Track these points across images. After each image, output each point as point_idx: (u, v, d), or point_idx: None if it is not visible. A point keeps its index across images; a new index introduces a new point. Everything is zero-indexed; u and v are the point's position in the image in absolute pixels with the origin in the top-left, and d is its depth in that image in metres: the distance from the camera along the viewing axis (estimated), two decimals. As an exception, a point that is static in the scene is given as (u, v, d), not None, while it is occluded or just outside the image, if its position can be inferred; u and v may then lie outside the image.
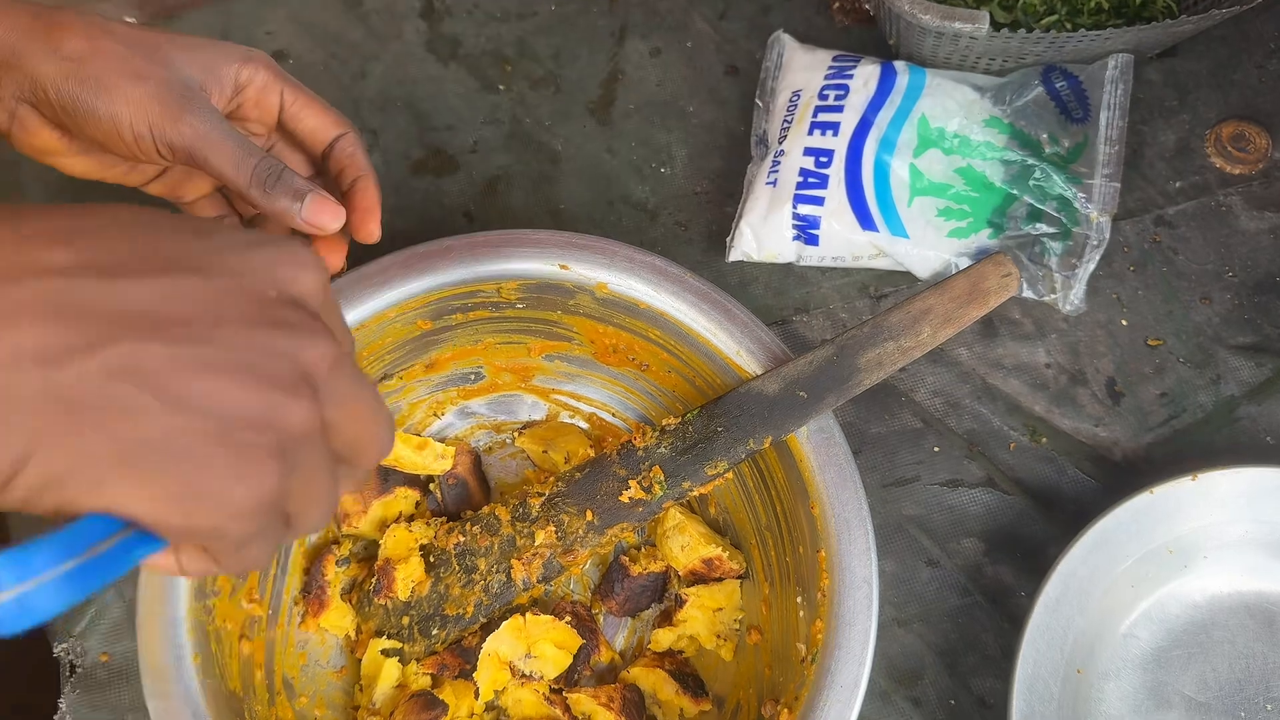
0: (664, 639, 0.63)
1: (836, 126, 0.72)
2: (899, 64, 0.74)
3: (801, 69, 0.75)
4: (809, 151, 0.72)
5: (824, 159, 0.71)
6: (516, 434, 0.69)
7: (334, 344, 0.34)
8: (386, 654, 0.61)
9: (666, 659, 0.63)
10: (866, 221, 0.70)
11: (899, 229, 0.70)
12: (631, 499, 0.59)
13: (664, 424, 0.59)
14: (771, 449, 0.58)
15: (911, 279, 0.73)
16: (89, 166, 0.54)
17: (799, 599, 0.58)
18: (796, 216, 0.71)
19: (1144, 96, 0.78)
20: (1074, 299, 0.70)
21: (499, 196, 0.77)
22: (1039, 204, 0.70)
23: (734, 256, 0.73)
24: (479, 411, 0.69)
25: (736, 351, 0.59)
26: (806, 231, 0.71)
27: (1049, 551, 0.64)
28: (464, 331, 0.64)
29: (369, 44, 0.81)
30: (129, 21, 0.52)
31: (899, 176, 0.71)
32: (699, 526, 0.64)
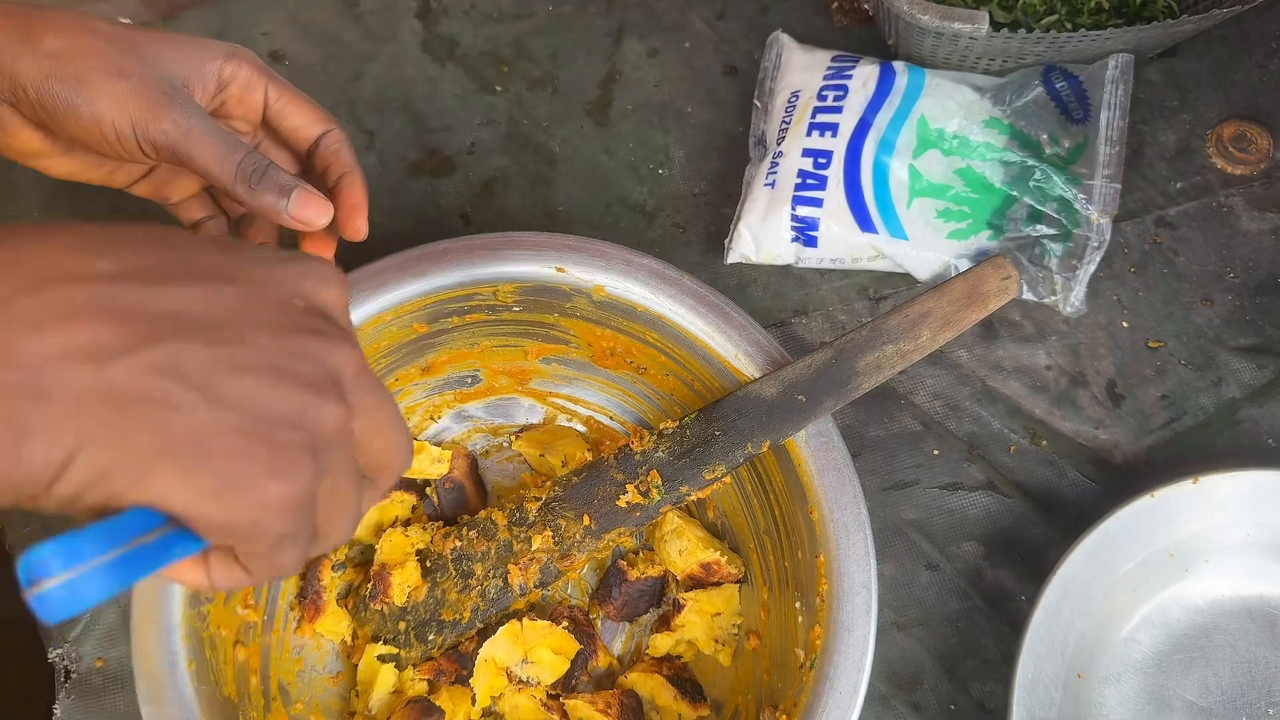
0: (662, 644, 0.63)
1: (835, 127, 0.71)
2: (898, 64, 0.73)
3: (800, 69, 0.75)
4: (807, 152, 0.71)
5: (823, 160, 0.71)
6: (513, 437, 0.69)
7: (358, 351, 0.35)
8: (383, 659, 0.61)
9: (664, 664, 0.63)
10: (865, 223, 0.70)
11: (898, 230, 0.70)
12: (629, 503, 0.58)
13: (661, 428, 0.59)
14: (770, 453, 0.57)
15: (911, 281, 0.73)
16: (72, 167, 0.53)
17: (798, 604, 0.57)
18: (795, 218, 0.70)
19: (1144, 97, 0.77)
20: (1074, 301, 0.70)
21: (496, 198, 0.77)
22: (1039, 205, 0.70)
23: (732, 258, 0.72)
24: (476, 415, 0.69)
25: (734, 354, 0.59)
26: (805, 233, 0.71)
27: (1049, 555, 0.64)
28: (461, 335, 0.63)
29: (365, 44, 0.81)
30: (123, 21, 0.52)
31: (898, 178, 0.70)
32: (697, 531, 0.63)
